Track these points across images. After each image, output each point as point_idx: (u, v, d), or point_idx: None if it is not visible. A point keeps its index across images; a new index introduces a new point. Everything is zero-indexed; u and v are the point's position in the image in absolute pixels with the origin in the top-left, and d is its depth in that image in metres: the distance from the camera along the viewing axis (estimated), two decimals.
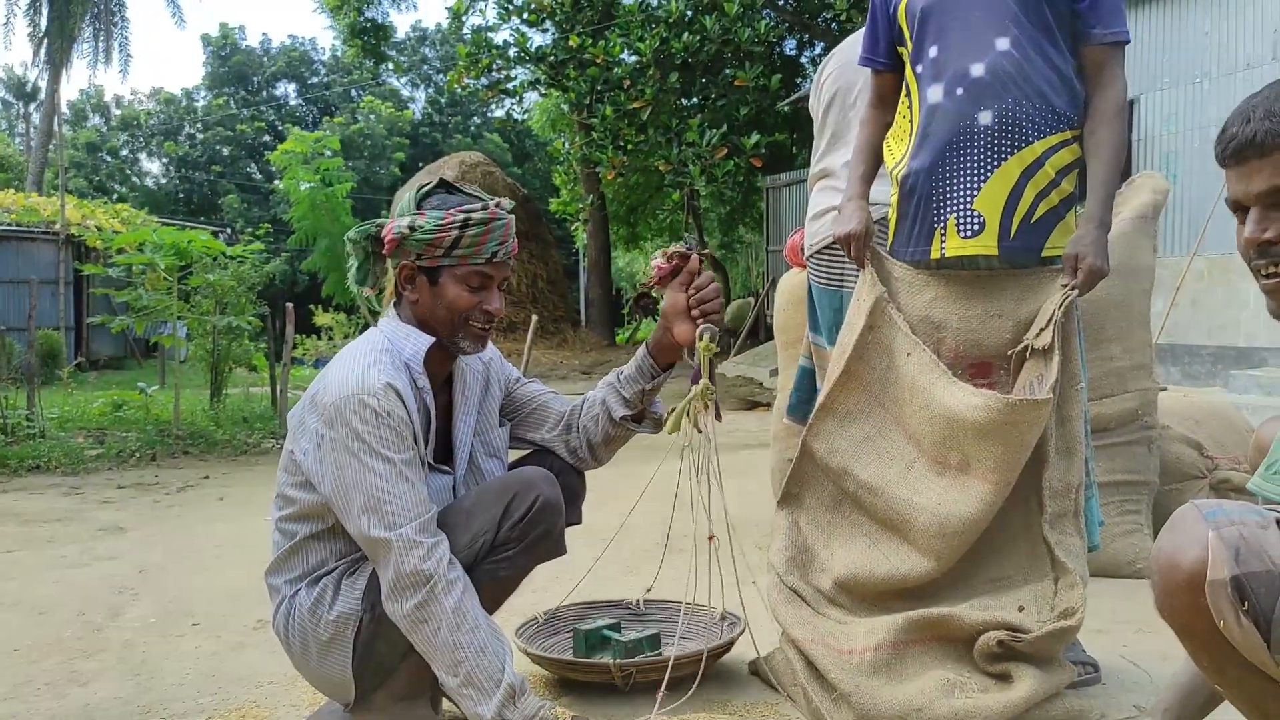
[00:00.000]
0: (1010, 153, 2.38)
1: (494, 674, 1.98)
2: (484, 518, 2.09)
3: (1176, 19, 9.43)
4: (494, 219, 2.13)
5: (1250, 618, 1.26)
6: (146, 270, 8.20)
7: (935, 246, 2.47)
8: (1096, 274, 2.32)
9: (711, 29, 12.82)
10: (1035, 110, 2.37)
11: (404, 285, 2.18)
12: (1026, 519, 2.41)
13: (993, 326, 2.43)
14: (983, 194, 2.40)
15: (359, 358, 2.10)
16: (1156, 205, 3.64)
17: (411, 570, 1.97)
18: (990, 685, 2.28)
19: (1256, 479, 1.64)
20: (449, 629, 1.97)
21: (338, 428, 2.01)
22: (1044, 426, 2.32)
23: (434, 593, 1.97)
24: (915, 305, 2.50)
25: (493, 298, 2.17)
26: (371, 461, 2.00)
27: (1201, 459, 3.89)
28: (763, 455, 6.17)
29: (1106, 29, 2.39)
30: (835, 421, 2.56)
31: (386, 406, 2.01)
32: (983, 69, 2.38)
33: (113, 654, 2.95)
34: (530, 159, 36.69)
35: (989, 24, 2.39)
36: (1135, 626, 2.96)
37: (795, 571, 2.54)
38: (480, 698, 1.98)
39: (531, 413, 2.40)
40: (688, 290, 2.24)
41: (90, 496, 5.82)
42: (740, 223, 20.41)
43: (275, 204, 31.35)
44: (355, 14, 21.42)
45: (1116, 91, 2.40)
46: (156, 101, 41.36)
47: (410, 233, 2.12)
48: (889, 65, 2.63)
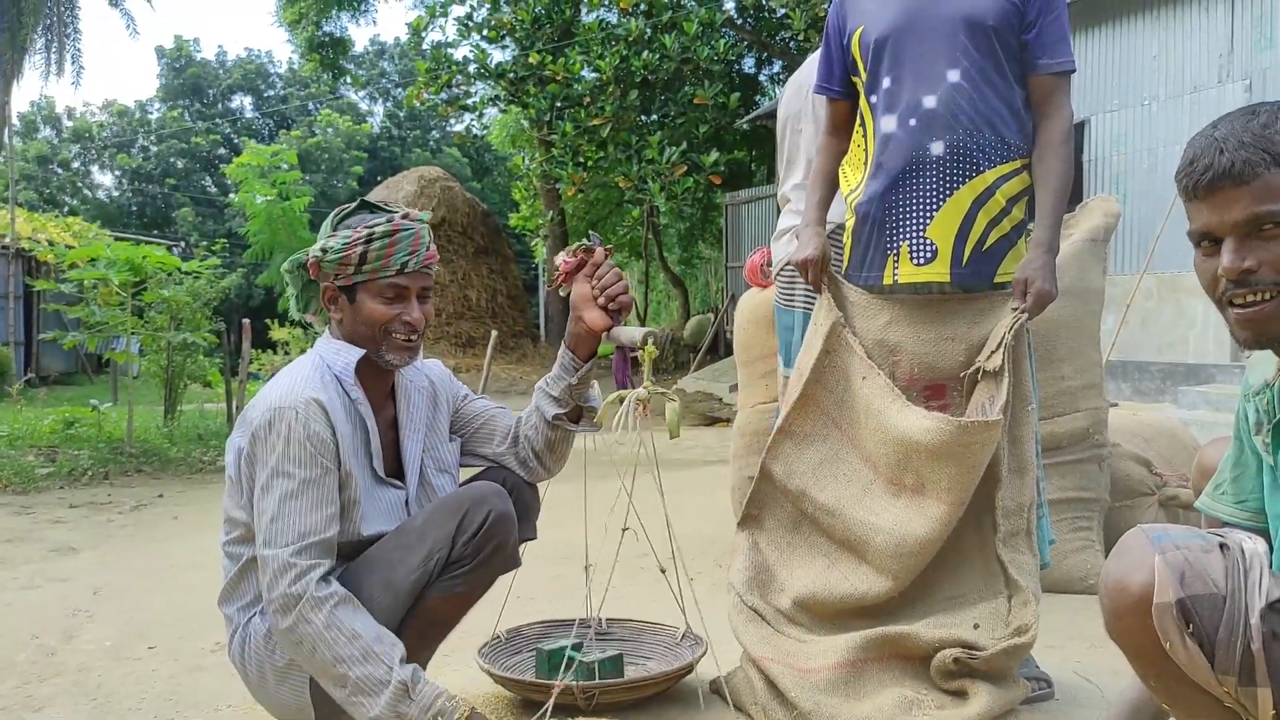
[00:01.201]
0: (962, 182, 2.45)
1: (381, 677, 1.97)
2: (438, 534, 2.10)
3: (1126, 43, 9.64)
4: (399, 230, 2.16)
5: (1195, 639, 1.31)
6: (98, 285, 8.09)
7: (888, 273, 2.53)
8: (1045, 298, 2.38)
9: (671, 47, 12.92)
10: (986, 140, 2.44)
11: (328, 306, 2.22)
12: (980, 538, 2.46)
13: (946, 350, 2.48)
14: (935, 222, 2.47)
15: (289, 375, 2.14)
16: (1108, 228, 3.73)
17: (280, 594, 1.99)
18: (947, 702, 2.32)
19: (1205, 499, 1.69)
20: (325, 646, 1.97)
21: (255, 444, 2.06)
22: (996, 447, 2.37)
23: (302, 614, 1.97)
24: (871, 329, 2.55)
25: (411, 308, 2.19)
26: (275, 480, 2.03)
27: (1151, 476, 3.97)
28: (723, 471, 6.20)
29: (1053, 59, 2.47)
30: (793, 444, 2.60)
31: (303, 421, 2.03)
32: (934, 100, 2.45)
33: (68, 678, 2.91)
34: (490, 173, 36.65)
35: (940, 56, 2.46)
36: (1087, 642, 3.01)
37: (755, 591, 2.57)
38: (370, 702, 1.97)
39: (479, 428, 2.42)
40: (592, 280, 2.27)
41: (41, 516, 5.73)
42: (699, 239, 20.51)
43: (230, 218, 31.07)
44: (314, 28, 21.34)
45: (1063, 119, 2.48)
46: (109, 113, 40.82)
47: (324, 255, 2.16)
48: (843, 93, 2.70)
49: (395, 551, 2.12)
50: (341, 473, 2.10)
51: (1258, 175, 1.36)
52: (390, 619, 2.08)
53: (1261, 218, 1.36)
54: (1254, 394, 1.51)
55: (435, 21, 16.81)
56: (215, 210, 35.44)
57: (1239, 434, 1.58)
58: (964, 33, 2.44)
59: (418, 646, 2.17)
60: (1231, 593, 1.31)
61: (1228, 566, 1.33)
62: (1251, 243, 1.37)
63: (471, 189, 25.64)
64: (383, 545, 2.14)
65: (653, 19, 13.46)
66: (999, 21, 2.44)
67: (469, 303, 18.51)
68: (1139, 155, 9.45)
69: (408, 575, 2.09)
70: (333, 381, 2.14)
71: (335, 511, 2.07)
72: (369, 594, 2.08)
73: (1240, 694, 1.31)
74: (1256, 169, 1.35)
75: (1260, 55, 8.47)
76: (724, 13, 13.91)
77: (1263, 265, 1.37)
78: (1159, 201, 8.73)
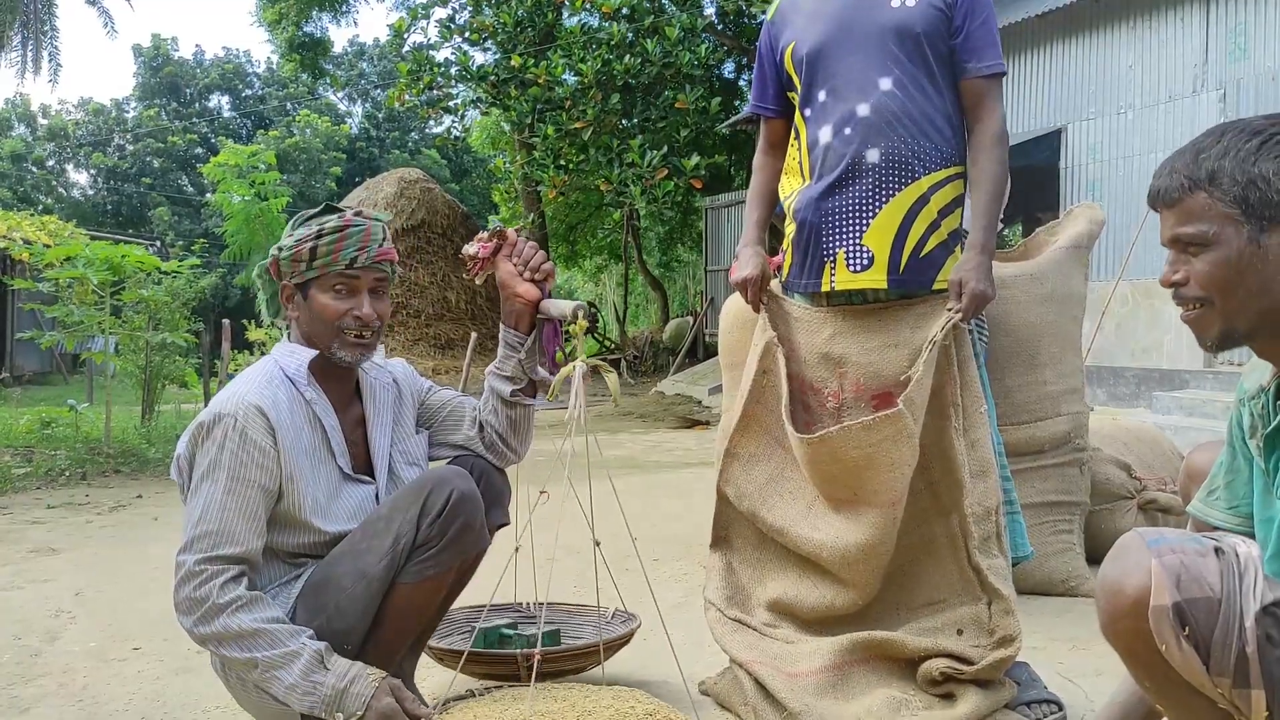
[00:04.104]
0: (898, 189, 2.48)
1: (293, 649, 2.00)
2: (402, 519, 2.11)
3: (1103, 52, 9.74)
4: (348, 225, 2.19)
5: (1190, 642, 1.34)
6: (74, 284, 8.03)
7: (825, 280, 2.56)
8: (980, 299, 2.39)
9: (653, 52, 12.94)
10: (920, 147, 2.47)
11: (286, 305, 2.26)
12: (952, 543, 2.47)
13: (890, 356, 2.48)
14: (871, 229, 2.49)
15: (238, 381, 2.17)
16: (1091, 235, 3.77)
17: (184, 598, 2.03)
18: (935, 703, 2.35)
19: (1197, 504, 1.72)
20: (233, 641, 2.01)
21: (194, 448, 2.09)
22: (912, 440, 2.37)
23: (206, 615, 2.01)
24: (815, 343, 2.56)
25: (362, 303, 2.21)
26: (202, 484, 2.06)
27: (1131, 480, 4.02)
28: (701, 472, 6.22)
29: (981, 62, 2.49)
30: (740, 466, 2.62)
31: (240, 430, 2.06)
32: (868, 109, 2.48)
33: (53, 679, 2.90)
34: (469, 175, 36.58)
35: (872, 65, 2.49)
36: (1070, 644, 3.05)
37: (735, 606, 2.60)
38: (283, 674, 2.00)
39: (446, 418, 2.44)
40: (513, 258, 2.35)
41: (19, 516, 5.68)
42: (679, 242, 20.58)
43: (207, 217, 30.87)
44: (294, 29, 21.23)
45: (995, 122, 2.50)
46: (85, 112, 40.47)
47: (279, 254, 2.21)
48: (778, 111, 2.73)
49: (363, 541, 2.13)
50: (282, 478, 2.11)
51: (1179, 200, 1.47)
52: (366, 608, 2.10)
53: (1179, 239, 1.48)
54: (1249, 399, 1.55)
55: (417, 23, 16.78)
56: (192, 210, 35.21)
57: (1232, 439, 1.62)
58: (894, 41, 2.48)
59: (395, 639, 2.18)
60: (1226, 596, 1.34)
61: (1223, 570, 1.36)
62: (1181, 258, 1.49)
63: (450, 191, 25.59)
64: (350, 538, 2.16)
65: (634, 24, 13.48)
66: (927, 29, 2.47)
67: (448, 304, 18.47)
68: (1115, 163, 9.56)
69: (377, 562, 2.09)
70: (285, 384, 2.16)
71: (260, 525, 2.08)
72: (341, 586, 2.09)
73: (1234, 696, 1.34)
74: (1176, 194, 1.47)
75: (1234, 65, 8.59)
76: (705, 18, 13.94)
77: (1190, 280, 1.48)
78: (1134, 209, 8.83)
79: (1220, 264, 1.44)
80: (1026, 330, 3.60)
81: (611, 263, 20.78)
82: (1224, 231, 1.43)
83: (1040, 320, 3.61)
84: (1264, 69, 8.34)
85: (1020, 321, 3.60)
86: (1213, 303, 1.47)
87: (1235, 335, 1.48)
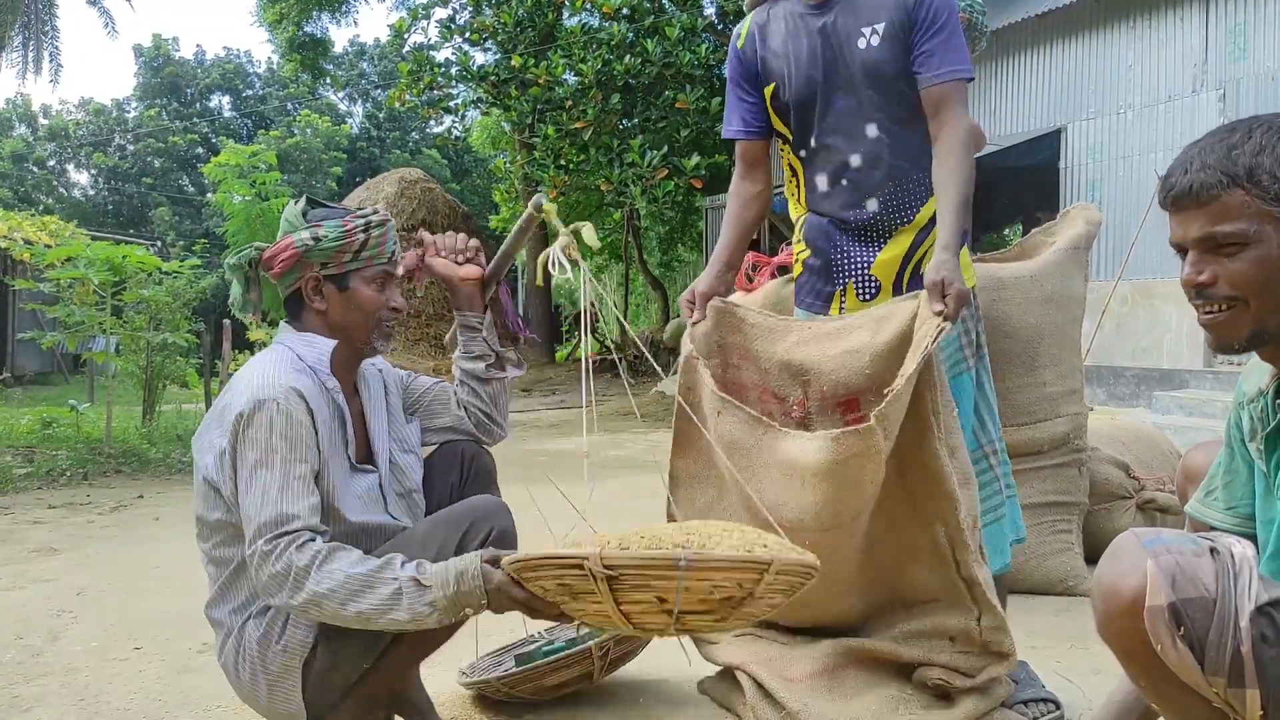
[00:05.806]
0: (900, 224, 2.54)
1: (393, 593, 1.92)
2: (439, 547, 2.07)
3: (1102, 52, 9.75)
4: (387, 221, 2.25)
5: (1185, 642, 1.35)
6: (75, 285, 8.04)
7: (835, 308, 2.61)
8: (963, 297, 2.37)
9: (653, 52, 12.93)
10: (914, 181, 2.52)
11: (311, 297, 2.20)
12: (937, 551, 2.38)
13: (851, 363, 2.43)
14: (878, 262, 2.56)
15: (261, 367, 2.11)
16: (1089, 236, 3.78)
17: (267, 579, 1.94)
18: (934, 702, 2.35)
19: (1195, 504, 1.72)
20: (329, 597, 1.92)
21: (238, 438, 2.02)
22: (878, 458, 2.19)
23: (295, 585, 1.93)
24: (775, 352, 2.53)
25: (395, 295, 2.27)
26: (258, 472, 1.99)
27: (1129, 480, 4.03)
28: None
29: (939, 70, 2.47)
30: (684, 489, 2.55)
31: (285, 411, 2.02)
32: (860, 159, 2.53)
33: (55, 679, 2.91)
34: (469, 175, 36.56)
35: (856, 112, 2.52)
36: (1068, 643, 3.06)
37: None
38: (398, 614, 1.91)
39: (431, 402, 2.46)
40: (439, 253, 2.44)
41: (21, 516, 5.69)
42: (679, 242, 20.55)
43: (208, 217, 30.87)
44: (295, 29, 21.23)
45: (959, 125, 2.46)
46: (86, 112, 40.49)
47: (315, 244, 2.16)
48: (758, 132, 2.69)
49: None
50: (320, 462, 2.09)
51: (1215, 197, 1.43)
52: None
53: (1215, 237, 1.44)
54: (1248, 401, 1.55)
55: (417, 23, 16.78)
56: (192, 210, 35.21)
57: (1230, 441, 1.62)
58: (870, 87, 2.49)
59: (411, 653, 2.17)
60: (1221, 596, 1.35)
61: (1218, 570, 1.37)
62: (1209, 258, 1.45)
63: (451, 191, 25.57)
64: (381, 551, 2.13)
65: (635, 24, 13.47)
66: (898, 69, 2.48)
67: (449, 304, 18.45)
68: (1114, 163, 9.56)
69: None
70: (308, 372, 2.14)
71: (317, 502, 2.04)
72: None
73: (1229, 695, 1.35)
74: (1213, 190, 1.43)
75: (1234, 65, 8.59)
76: (705, 18, 13.92)
77: (1219, 280, 1.45)
78: (1134, 209, 8.85)
79: (1260, 263, 1.42)
80: (1026, 332, 3.62)
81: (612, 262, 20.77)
82: (1264, 229, 1.41)
83: (1040, 322, 3.62)
84: (1264, 69, 8.35)
85: (1020, 323, 3.61)
86: (1246, 303, 1.44)
87: (1265, 336, 1.46)
